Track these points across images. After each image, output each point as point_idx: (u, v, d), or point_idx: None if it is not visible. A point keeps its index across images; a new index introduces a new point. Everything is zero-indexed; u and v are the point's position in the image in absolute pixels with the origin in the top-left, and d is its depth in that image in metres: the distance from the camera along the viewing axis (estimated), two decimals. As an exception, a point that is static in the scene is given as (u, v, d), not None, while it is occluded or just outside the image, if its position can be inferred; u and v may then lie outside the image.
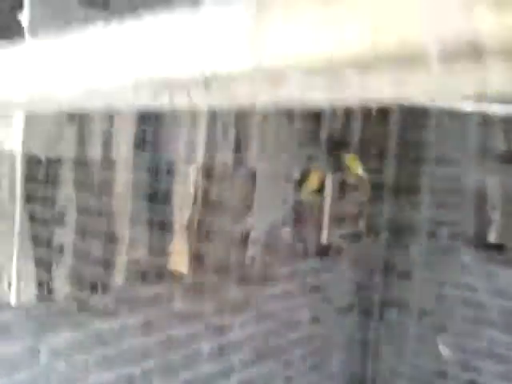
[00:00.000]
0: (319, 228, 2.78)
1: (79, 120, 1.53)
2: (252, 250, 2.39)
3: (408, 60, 0.37)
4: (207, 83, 0.48)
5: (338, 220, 2.84)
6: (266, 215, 2.45)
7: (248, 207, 2.30)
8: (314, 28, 0.40)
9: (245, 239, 2.34)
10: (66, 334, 1.76)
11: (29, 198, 1.50)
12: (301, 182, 2.66)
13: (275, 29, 0.43)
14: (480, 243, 2.97)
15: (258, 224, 2.39)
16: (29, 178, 1.50)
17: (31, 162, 1.49)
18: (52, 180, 1.54)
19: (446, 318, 3.20)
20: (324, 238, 2.80)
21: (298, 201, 2.64)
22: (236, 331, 2.50)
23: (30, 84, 0.70)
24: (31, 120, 1.42)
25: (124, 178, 1.63)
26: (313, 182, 2.71)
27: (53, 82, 0.66)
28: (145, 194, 1.84)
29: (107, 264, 1.75)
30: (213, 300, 2.31)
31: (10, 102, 0.81)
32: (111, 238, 1.71)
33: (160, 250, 1.98)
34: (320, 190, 2.74)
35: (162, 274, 2.03)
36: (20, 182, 1.50)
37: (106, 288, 1.80)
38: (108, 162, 1.63)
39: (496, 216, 2.90)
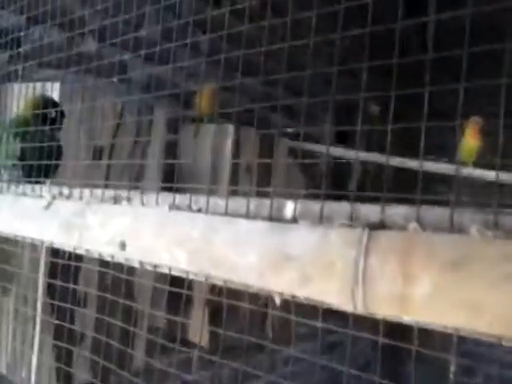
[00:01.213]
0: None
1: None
2: (272, 314, 2.36)
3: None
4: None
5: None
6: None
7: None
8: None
9: (265, 305, 2.30)
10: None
11: (51, 287, 1.48)
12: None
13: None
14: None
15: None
16: (52, 267, 1.49)
17: (55, 250, 1.48)
18: (73, 267, 1.52)
19: (469, 376, 3.11)
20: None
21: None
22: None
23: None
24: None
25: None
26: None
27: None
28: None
29: (128, 344, 1.73)
30: (232, 366, 2.28)
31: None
32: (132, 319, 1.69)
33: (179, 322, 1.95)
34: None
35: (181, 344, 2.00)
36: (43, 272, 1.49)
37: (125, 366, 1.78)
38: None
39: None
